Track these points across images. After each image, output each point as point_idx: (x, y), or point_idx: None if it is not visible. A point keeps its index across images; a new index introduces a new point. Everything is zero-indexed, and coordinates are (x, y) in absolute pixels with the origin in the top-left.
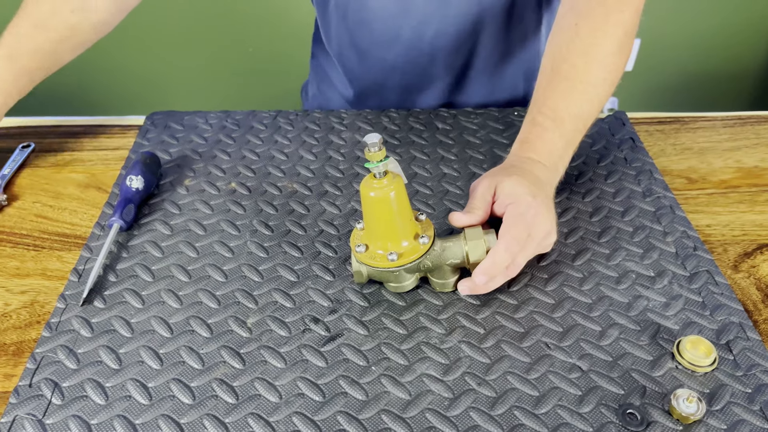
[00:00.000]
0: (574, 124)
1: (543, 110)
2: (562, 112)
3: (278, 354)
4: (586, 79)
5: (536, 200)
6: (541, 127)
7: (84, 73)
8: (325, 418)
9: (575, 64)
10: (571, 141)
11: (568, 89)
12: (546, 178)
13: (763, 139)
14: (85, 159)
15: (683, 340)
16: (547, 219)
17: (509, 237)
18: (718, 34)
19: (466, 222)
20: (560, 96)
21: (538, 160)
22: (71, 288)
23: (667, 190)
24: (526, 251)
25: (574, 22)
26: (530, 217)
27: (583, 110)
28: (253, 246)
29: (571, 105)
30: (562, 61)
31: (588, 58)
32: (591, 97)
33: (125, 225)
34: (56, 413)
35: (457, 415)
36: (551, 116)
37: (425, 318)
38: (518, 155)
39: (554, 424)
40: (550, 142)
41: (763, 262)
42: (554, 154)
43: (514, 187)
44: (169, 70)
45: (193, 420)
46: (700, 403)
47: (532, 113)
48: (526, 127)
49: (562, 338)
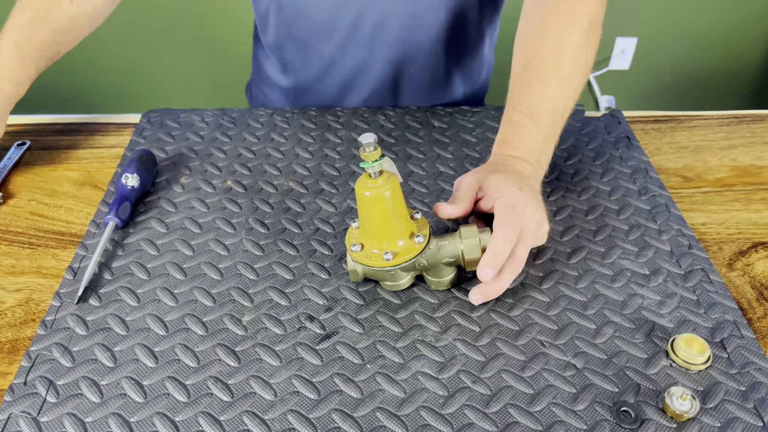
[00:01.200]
0: (551, 118)
1: (519, 108)
2: (538, 108)
3: (273, 352)
4: (559, 73)
5: (523, 192)
6: (518, 125)
7: (81, 72)
8: (320, 416)
9: (546, 60)
10: (549, 135)
11: (541, 86)
12: (529, 173)
13: (759, 138)
14: (81, 157)
15: (678, 338)
16: (537, 209)
17: (504, 227)
18: (714, 33)
19: (451, 213)
20: (534, 93)
21: (519, 157)
22: (66, 286)
23: (663, 188)
24: (525, 242)
25: (542, 17)
26: (520, 208)
27: (558, 104)
28: (248, 244)
29: (546, 101)
30: (533, 58)
31: (558, 53)
32: (565, 90)
33: (121, 223)
34: (51, 411)
35: (452, 412)
36: (527, 113)
37: (420, 316)
38: (499, 154)
39: (549, 421)
40: (528, 139)
41: (758, 261)
42: (534, 149)
43: (500, 182)
44: (166, 69)
45: (188, 418)
46: (694, 400)
47: (508, 113)
48: (503, 127)
49: (557, 336)
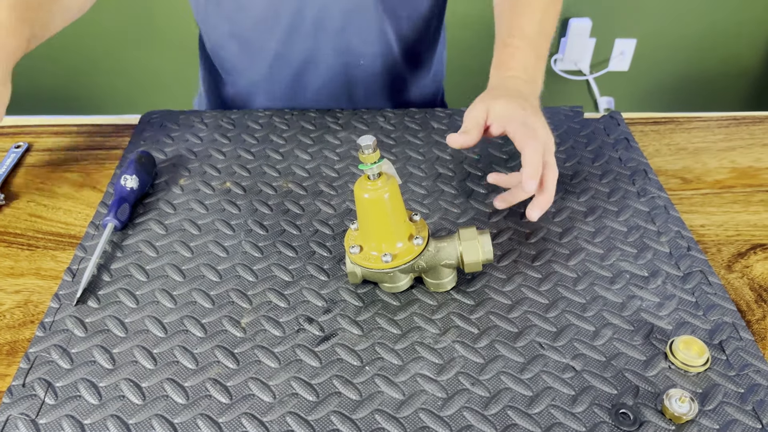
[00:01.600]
0: (540, 39)
1: (512, 32)
2: (529, 30)
3: (272, 354)
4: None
5: (528, 111)
6: (512, 47)
7: (81, 73)
8: (319, 418)
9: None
10: (541, 55)
11: (530, 12)
12: (529, 90)
13: (758, 140)
14: (80, 158)
15: (676, 340)
16: (544, 124)
17: (529, 140)
18: (714, 35)
19: (462, 142)
20: (525, 17)
21: (517, 77)
22: (65, 287)
23: (662, 190)
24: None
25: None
26: (532, 123)
27: (546, 27)
28: (247, 246)
29: (535, 23)
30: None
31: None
32: (550, 16)
33: (120, 224)
34: (49, 413)
35: (450, 415)
36: (520, 36)
37: (419, 318)
38: (498, 77)
39: (547, 423)
40: (523, 58)
41: (757, 263)
42: (529, 67)
43: (506, 107)
44: (165, 71)
45: (187, 420)
46: (692, 402)
47: (501, 38)
48: (498, 51)
49: (556, 338)
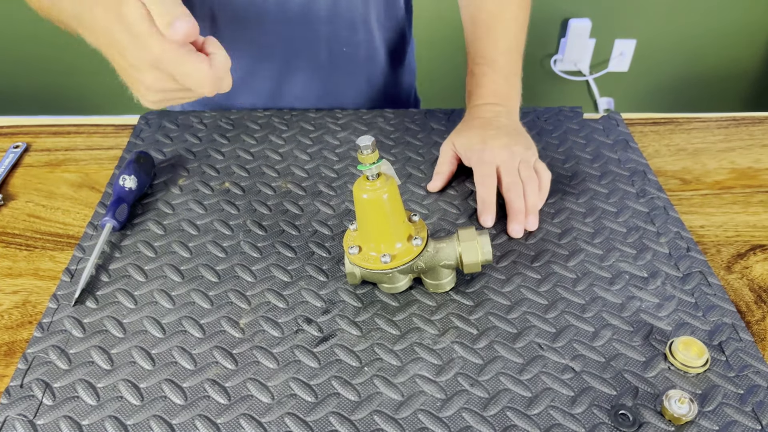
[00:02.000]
0: (506, 59)
1: (476, 60)
2: (492, 54)
3: (271, 354)
4: (503, 17)
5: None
6: (479, 75)
7: (80, 73)
8: (318, 419)
9: (490, 10)
10: (510, 73)
11: (490, 33)
12: (495, 113)
13: (757, 140)
14: (79, 158)
15: (676, 341)
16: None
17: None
18: (713, 36)
19: (438, 186)
20: (486, 42)
21: (484, 103)
22: (63, 288)
23: (661, 190)
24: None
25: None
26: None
27: (511, 45)
28: (246, 246)
29: (498, 44)
30: (478, 12)
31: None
32: (513, 30)
33: (118, 225)
34: (47, 414)
35: (449, 416)
36: (484, 62)
37: (418, 319)
38: (469, 107)
39: (547, 425)
40: (491, 83)
41: (756, 263)
42: (499, 91)
43: (466, 143)
44: None
45: (185, 421)
46: (692, 404)
47: (469, 67)
48: (467, 81)
49: (555, 339)
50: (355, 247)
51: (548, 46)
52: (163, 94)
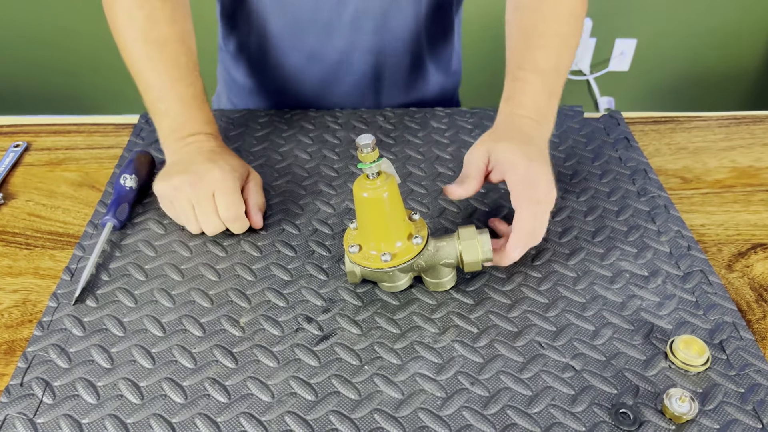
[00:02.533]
0: (555, 75)
1: (522, 65)
2: (542, 64)
3: (271, 353)
4: (560, 32)
5: (533, 162)
6: (523, 82)
7: (81, 74)
8: (318, 417)
9: (546, 23)
10: (554, 92)
11: (544, 44)
12: (537, 133)
13: (758, 139)
14: (79, 157)
15: (676, 339)
16: (548, 177)
17: (527, 203)
18: (714, 35)
19: (461, 194)
20: (537, 50)
21: (526, 115)
22: (63, 287)
23: (662, 189)
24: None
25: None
26: (533, 180)
27: (561, 62)
28: (246, 245)
29: (549, 57)
30: (533, 22)
31: (557, 17)
32: (567, 49)
33: (118, 224)
34: (47, 412)
35: (449, 414)
36: (531, 69)
37: (419, 317)
38: (505, 113)
39: (547, 423)
40: (534, 95)
41: (757, 262)
42: (541, 106)
43: (508, 153)
44: None
45: (185, 419)
46: (692, 402)
47: (511, 71)
48: (508, 85)
49: (556, 338)
50: (356, 245)
51: None
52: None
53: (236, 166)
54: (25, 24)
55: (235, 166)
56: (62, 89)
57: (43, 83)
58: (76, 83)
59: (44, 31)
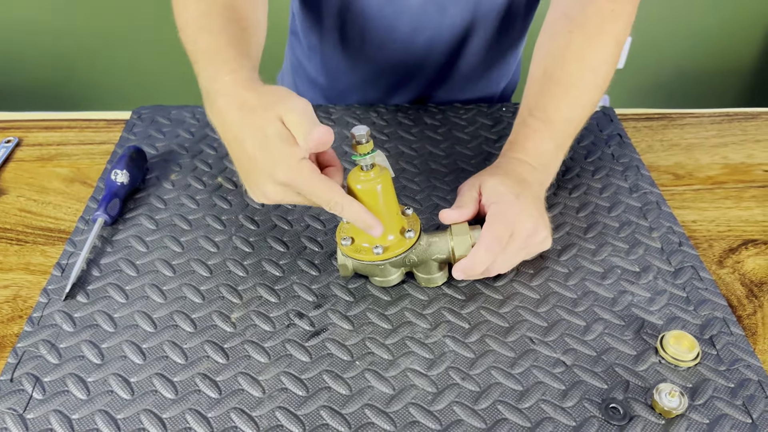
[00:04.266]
0: (565, 128)
1: (534, 113)
2: (553, 115)
3: (262, 349)
4: (579, 84)
5: (519, 199)
6: (531, 129)
7: (77, 70)
8: (308, 412)
9: (569, 70)
10: (561, 144)
11: (560, 94)
12: (533, 179)
13: (750, 136)
14: (71, 153)
15: (667, 334)
16: (531, 216)
17: (490, 236)
18: (708, 33)
19: (455, 218)
20: (552, 100)
21: (525, 161)
22: (54, 282)
23: (654, 185)
24: (508, 252)
25: (568, 29)
26: (512, 215)
27: (575, 115)
28: (238, 241)
29: (562, 109)
30: (556, 67)
31: (582, 65)
32: (583, 103)
33: (110, 219)
34: (37, 408)
35: (440, 409)
36: (542, 118)
37: (410, 313)
38: (506, 156)
39: (537, 418)
40: (539, 143)
41: (748, 258)
42: (543, 155)
43: (497, 186)
44: (159, 66)
45: (175, 415)
46: (682, 397)
47: (522, 115)
48: (516, 129)
49: (547, 333)
50: (348, 238)
51: None
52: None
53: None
54: (17, 19)
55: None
56: (55, 85)
57: (36, 79)
58: (69, 79)
59: (37, 27)
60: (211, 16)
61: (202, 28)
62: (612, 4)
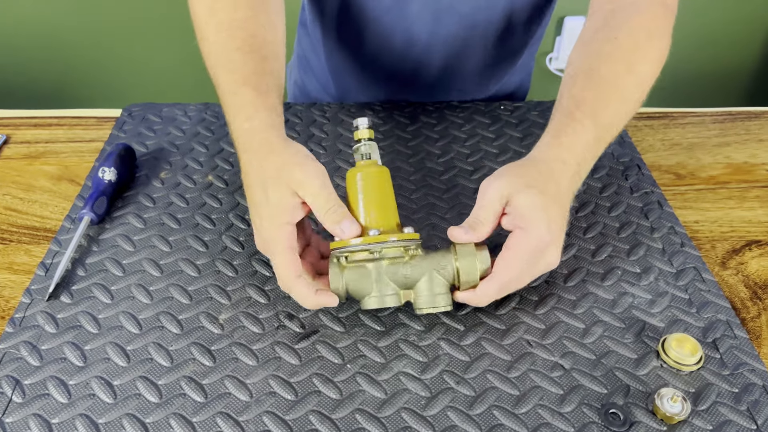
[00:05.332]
0: (607, 133)
1: (582, 107)
2: (601, 117)
3: (250, 351)
4: (624, 88)
5: (550, 229)
6: (580, 125)
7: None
8: (297, 417)
9: (616, 70)
10: (601, 139)
11: (607, 94)
12: (569, 188)
13: (753, 135)
14: (59, 151)
15: (669, 337)
16: (557, 249)
17: (508, 275)
18: (708, 33)
19: (467, 239)
20: (600, 99)
21: (567, 162)
22: (37, 282)
23: (655, 185)
24: (521, 281)
25: (614, 36)
26: (539, 251)
27: (614, 123)
28: (228, 240)
29: (608, 112)
30: (602, 64)
31: (629, 68)
32: (625, 111)
33: (96, 218)
34: (16, 411)
35: (434, 414)
36: (591, 116)
37: (404, 315)
38: (549, 153)
39: (534, 424)
40: (585, 144)
41: (752, 260)
42: (587, 158)
43: (531, 209)
44: (151, 65)
45: (159, 419)
46: (685, 402)
47: (568, 107)
48: (562, 120)
49: (545, 336)
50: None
51: (544, 45)
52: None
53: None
54: (5, 16)
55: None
56: (46, 83)
57: (26, 76)
58: (60, 77)
59: (27, 23)
60: (230, 51)
61: (219, 65)
62: (656, 21)
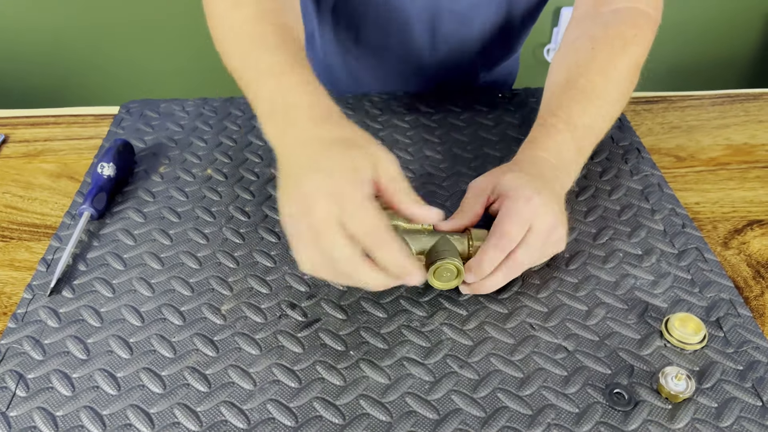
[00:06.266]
0: (587, 134)
1: (557, 113)
2: (576, 119)
3: (253, 340)
4: (603, 95)
5: (540, 194)
6: (553, 129)
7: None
8: (301, 404)
9: (593, 81)
10: (582, 149)
11: (584, 101)
12: (554, 177)
13: (753, 116)
14: (57, 149)
15: (672, 317)
16: (552, 211)
17: (500, 232)
18: (708, 20)
19: (447, 227)
20: (575, 105)
21: (546, 158)
22: (39, 278)
23: (655, 168)
24: (530, 245)
25: (591, 46)
26: (531, 209)
27: (596, 124)
28: (228, 232)
29: (585, 115)
30: (579, 76)
31: (606, 77)
32: (605, 114)
33: (96, 213)
34: (20, 405)
35: (438, 398)
36: (564, 120)
37: (406, 301)
38: (525, 153)
39: (539, 405)
40: (560, 142)
41: (754, 239)
42: (565, 154)
43: (515, 181)
44: (148, 63)
45: (163, 410)
46: (689, 380)
47: (542, 117)
48: (536, 129)
49: (548, 318)
50: None
51: (541, 36)
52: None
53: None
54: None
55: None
56: (43, 83)
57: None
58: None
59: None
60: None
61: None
62: (634, 30)
